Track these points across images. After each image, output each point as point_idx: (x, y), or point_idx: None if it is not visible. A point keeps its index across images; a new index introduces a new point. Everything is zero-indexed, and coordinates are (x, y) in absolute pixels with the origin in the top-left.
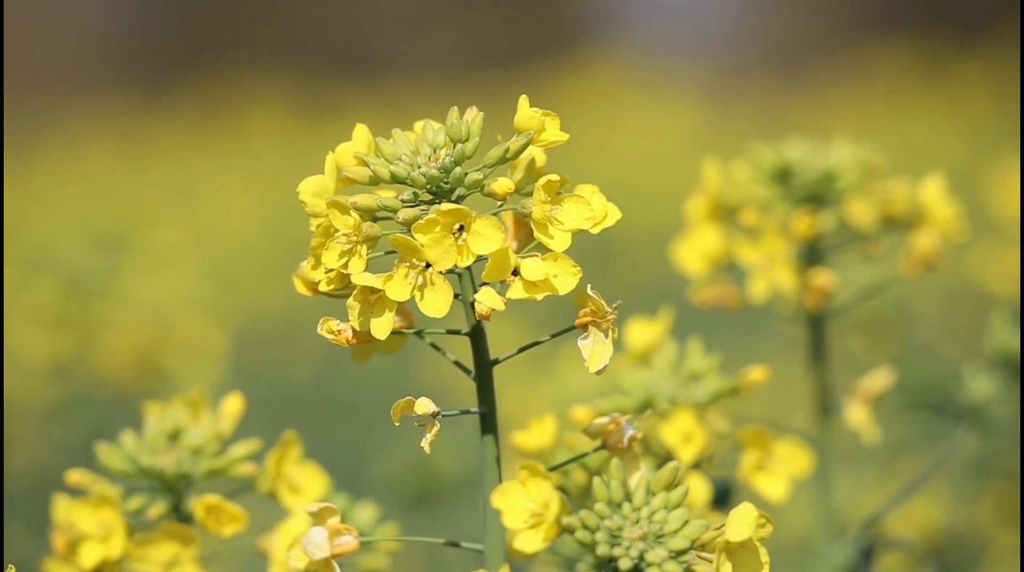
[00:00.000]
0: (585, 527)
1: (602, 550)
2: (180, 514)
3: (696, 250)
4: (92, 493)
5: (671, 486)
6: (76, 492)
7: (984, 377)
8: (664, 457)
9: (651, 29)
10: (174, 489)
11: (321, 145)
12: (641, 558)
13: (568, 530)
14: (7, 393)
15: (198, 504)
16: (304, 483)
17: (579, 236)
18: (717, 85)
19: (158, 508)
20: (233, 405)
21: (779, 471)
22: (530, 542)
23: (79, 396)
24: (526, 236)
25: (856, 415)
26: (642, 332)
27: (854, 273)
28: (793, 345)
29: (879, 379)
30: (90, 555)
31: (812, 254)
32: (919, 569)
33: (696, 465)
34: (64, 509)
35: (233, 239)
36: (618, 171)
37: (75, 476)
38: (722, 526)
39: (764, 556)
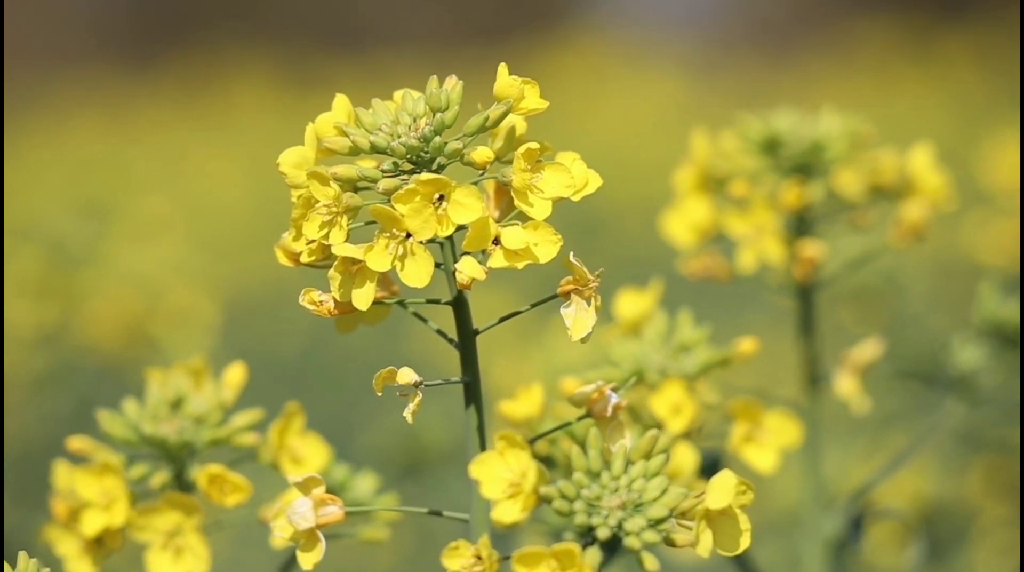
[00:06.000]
0: (563, 497)
1: (580, 519)
2: (182, 483)
3: (685, 221)
4: (95, 460)
5: (650, 454)
6: (75, 459)
7: (973, 347)
8: (654, 429)
9: (636, 2)
10: (176, 458)
11: (307, 117)
12: (619, 527)
13: (546, 500)
14: None
15: (201, 473)
16: (306, 454)
17: (566, 209)
18: (703, 59)
19: (161, 477)
20: (235, 374)
21: (768, 443)
22: (508, 512)
23: (66, 365)
24: (508, 205)
25: (845, 385)
26: (632, 303)
27: (843, 243)
28: (782, 316)
29: (868, 349)
30: (92, 523)
31: (801, 225)
32: (908, 539)
33: (686, 436)
34: (65, 475)
35: (220, 211)
36: (604, 144)
37: (76, 443)
38: (702, 494)
39: (745, 523)
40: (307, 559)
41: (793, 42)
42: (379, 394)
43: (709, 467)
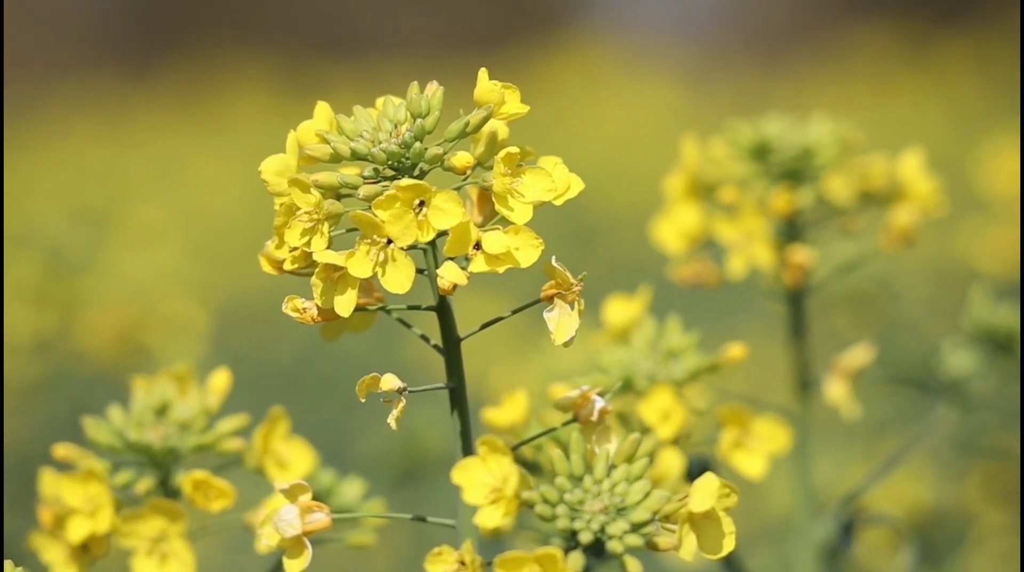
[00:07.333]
0: (545, 501)
1: (562, 523)
2: (167, 489)
3: (675, 228)
4: (79, 467)
5: (633, 458)
6: (63, 466)
7: (963, 352)
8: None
9: (633, 8)
10: (161, 464)
11: None
12: (602, 531)
13: (528, 504)
14: None
15: (186, 479)
16: (291, 458)
17: (562, 215)
18: (699, 65)
19: (145, 483)
20: (220, 380)
21: (757, 448)
22: (490, 517)
23: (62, 372)
24: (491, 211)
25: (835, 391)
26: (621, 310)
27: (833, 249)
28: (772, 322)
29: (858, 355)
30: (78, 530)
31: (790, 230)
32: (901, 544)
33: (674, 442)
34: (51, 483)
35: (216, 217)
36: (600, 151)
37: (62, 450)
38: (685, 497)
39: (729, 526)
40: (294, 566)
41: (790, 48)
42: (362, 400)
43: (698, 473)
